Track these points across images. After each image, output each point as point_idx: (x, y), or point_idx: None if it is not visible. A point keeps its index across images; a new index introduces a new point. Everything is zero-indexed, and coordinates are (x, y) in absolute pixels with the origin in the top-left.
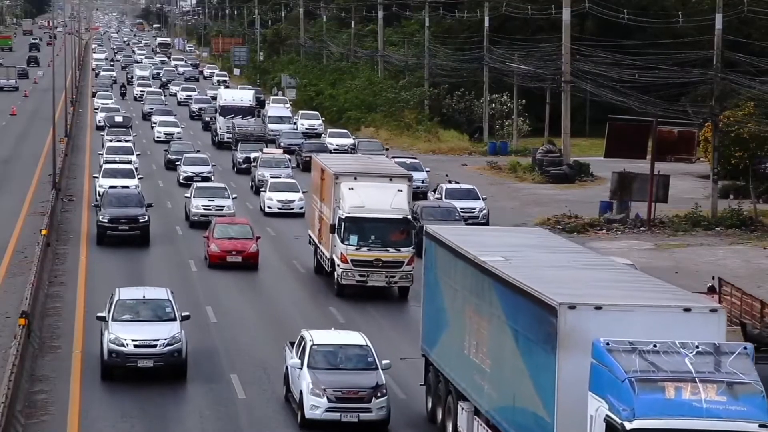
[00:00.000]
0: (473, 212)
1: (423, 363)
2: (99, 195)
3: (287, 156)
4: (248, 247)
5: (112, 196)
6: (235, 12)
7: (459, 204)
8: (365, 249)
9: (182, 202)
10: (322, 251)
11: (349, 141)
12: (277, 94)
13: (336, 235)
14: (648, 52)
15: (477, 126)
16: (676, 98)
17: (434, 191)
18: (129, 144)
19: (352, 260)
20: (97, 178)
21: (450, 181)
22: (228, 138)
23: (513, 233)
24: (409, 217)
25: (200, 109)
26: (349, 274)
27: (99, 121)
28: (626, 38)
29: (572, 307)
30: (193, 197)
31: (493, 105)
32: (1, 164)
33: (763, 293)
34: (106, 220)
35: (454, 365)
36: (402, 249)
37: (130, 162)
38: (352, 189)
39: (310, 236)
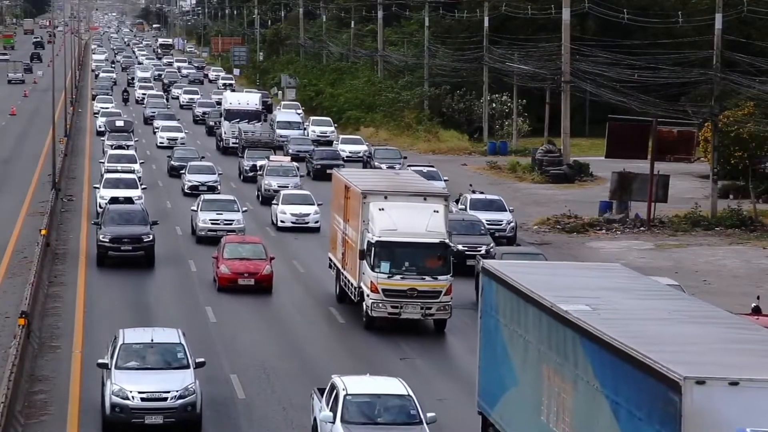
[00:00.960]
0: (500, 225)
1: (480, 420)
2: (99, 207)
3: (295, 164)
4: (261, 269)
5: (113, 213)
6: (235, 12)
7: (484, 216)
8: (398, 277)
9: (186, 213)
10: (347, 278)
11: (362, 148)
12: (277, 95)
13: (365, 261)
14: (648, 52)
15: (477, 126)
16: (676, 98)
17: (457, 202)
18: (132, 152)
19: (383, 290)
20: (98, 188)
21: (474, 191)
22: (233, 143)
23: (588, 271)
24: (447, 241)
25: (204, 113)
26: (381, 305)
27: (99, 126)
28: (626, 38)
29: (701, 382)
30: (200, 210)
31: (493, 105)
32: (1, 164)
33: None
34: (106, 240)
35: None
36: (439, 277)
37: (132, 171)
38: (383, 210)
39: (331, 260)
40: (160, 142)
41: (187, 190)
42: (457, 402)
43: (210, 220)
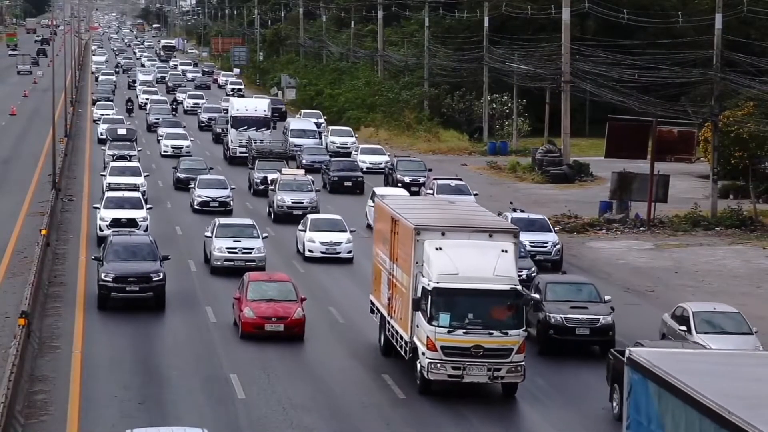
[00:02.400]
0: (544, 247)
1: None
2: (99, 230)
3: (309, 177)
4: (292, 312)
5: (117, 246)
6: (235, 12)
7: (526, 237)
8: (461, 332)
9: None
10: (395, 329)
11: (383, 159)
12: (276, 95)
13: (420, 312)
14: (648, 52)
15: (477, 126)
16: (675, 98)
17: None
18: (135, 163)
19: (442, 347)
20: (98, 208)
21: (515, 209)
22: (241, 153)
23: None
24: (520, 287)
25: (210, 119)
26: (439, 366)
27: (101, 134)
28: (626, 38)
29: None
30: (215, 237)
31: (493, 105)
32: (1, 164)
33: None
34: (109, 279)
35: None
36: (510, 332)
37: (136, 187)
38: (441, 249)
39: (372, 303)
40: (164, 151)
41: (196, 206)
42: (457, 401)
43: (227, 248)
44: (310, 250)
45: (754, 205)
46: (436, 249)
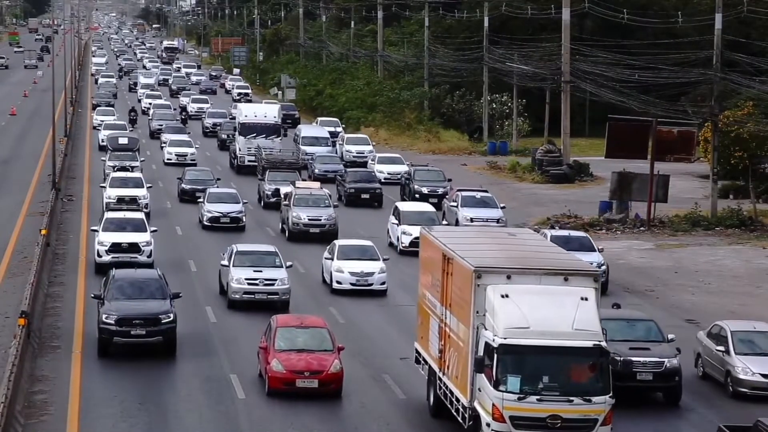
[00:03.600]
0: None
1: None
2: (98, 255)
3: (326, 191)
4: (328, 365)
5: (121, 282)
6: (235, 12)
7: None
8: (534, 399)
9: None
10: (449, 389)
11: (401, 169)
12: (276, 95)
13: (484, 374)
14: (648, 52)
15: (477, 126)
16: (675, 98)
17: None
18: (137, 174)
19: (512, 418)
20: (96, 231)
21: (553, 226)
22: (249, 161)
23: None
24: (604, 344)
25: (215, 124)
26: None
27: (101, 140)
28: (626, 38)
29: None
30: (233, 266)
31: (493, 105)
32: (1, 164)
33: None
34: (112, 321)
35: None
36: (594, 399)
37: (138, 201)
38: (507, 297)
39: (418, 353)
40: (168, 159)
41: (206, 222)
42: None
43: (246, 279)
44: (338, 282)
45: (754, 205)
46: (502, 296)
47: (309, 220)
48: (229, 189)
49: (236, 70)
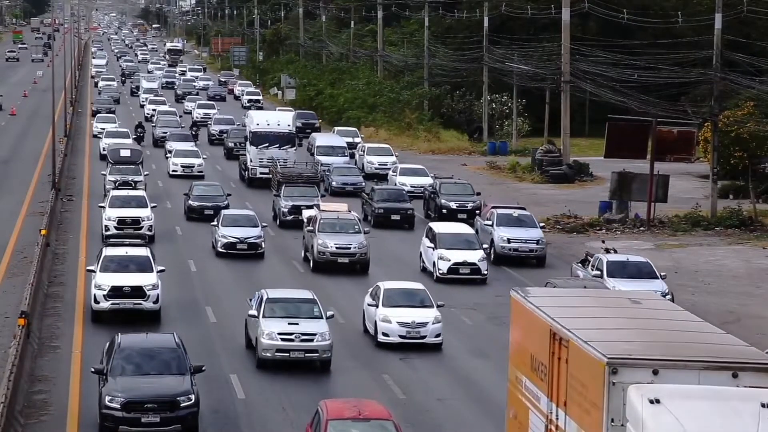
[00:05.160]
0: None
1: None
2: (95, 301)
3: (355, 215)
4: None
5: (129, 351)
6: (235, 12)
7: (627, 286)
8: None
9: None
10: None
11: (427, 181)
12: (277, 95)
13: None
14: (648, 52)
15: (477, 126)
16: (675, 98)
17: (583, 264)
18: (141, 193)
19: None
20: (93, 272)
21: (608, 250)
22: (261, 173)
23: None
24: None
25: (221, 131)
26: None
27: (103, 149)
28: (626, 38)
29: None
30: (263, 317)
31: (493, 105)
32: (1, 164)
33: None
34: (117, 406)
35: None
36: None
37: (140, 223)
38: (658, 402)
39: None
40: (173, 170)
41: (220, 249)
42: (456, 401)
43: (279, 334)
44: (384, 334)
45: (754, 205)
46: (651, 402)
47: (337, 248)
48: (247, 211)
49: (236, 71)
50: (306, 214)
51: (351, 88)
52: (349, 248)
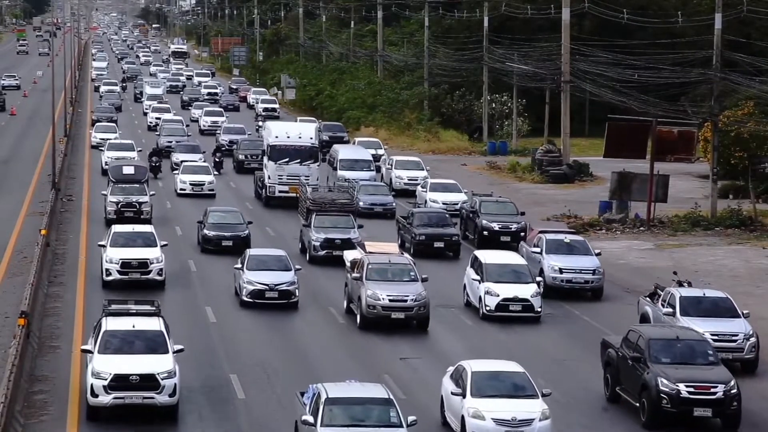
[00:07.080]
0: (733, 341)
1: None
2: (92, 394)
3: (410, 258)
4: None
5: None
6: (235, 12)
7: (705, 328)
8: None
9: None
10: None
11: (460, 198)
12: (277, 95)
13: None
14: (648, 52)
15: (477, 126)
16: (675, 98)
17: (652, 298)
18: (149, 228)
19: None
20: (90, 352)
21: (682, 283)
22: (281, 192)
23: None
24: None
25: (231, 141)
26: None
27: (105, 164)
28: (626, 38)
29: None
30: (322, 425)
31: (493, 105)
32: (1, 164)
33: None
34: None
35: None
36: None
37: (149, 266)
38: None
39: None
40: (181, 188)
41: (246, 298)
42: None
43: None
44: (477, 429)
45: (754, 205)
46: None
47: (390, 301)
48: (277, 251)
49: (236, 70)
50: (348, 256)
51: (351, 88)
52: (406, 301)
